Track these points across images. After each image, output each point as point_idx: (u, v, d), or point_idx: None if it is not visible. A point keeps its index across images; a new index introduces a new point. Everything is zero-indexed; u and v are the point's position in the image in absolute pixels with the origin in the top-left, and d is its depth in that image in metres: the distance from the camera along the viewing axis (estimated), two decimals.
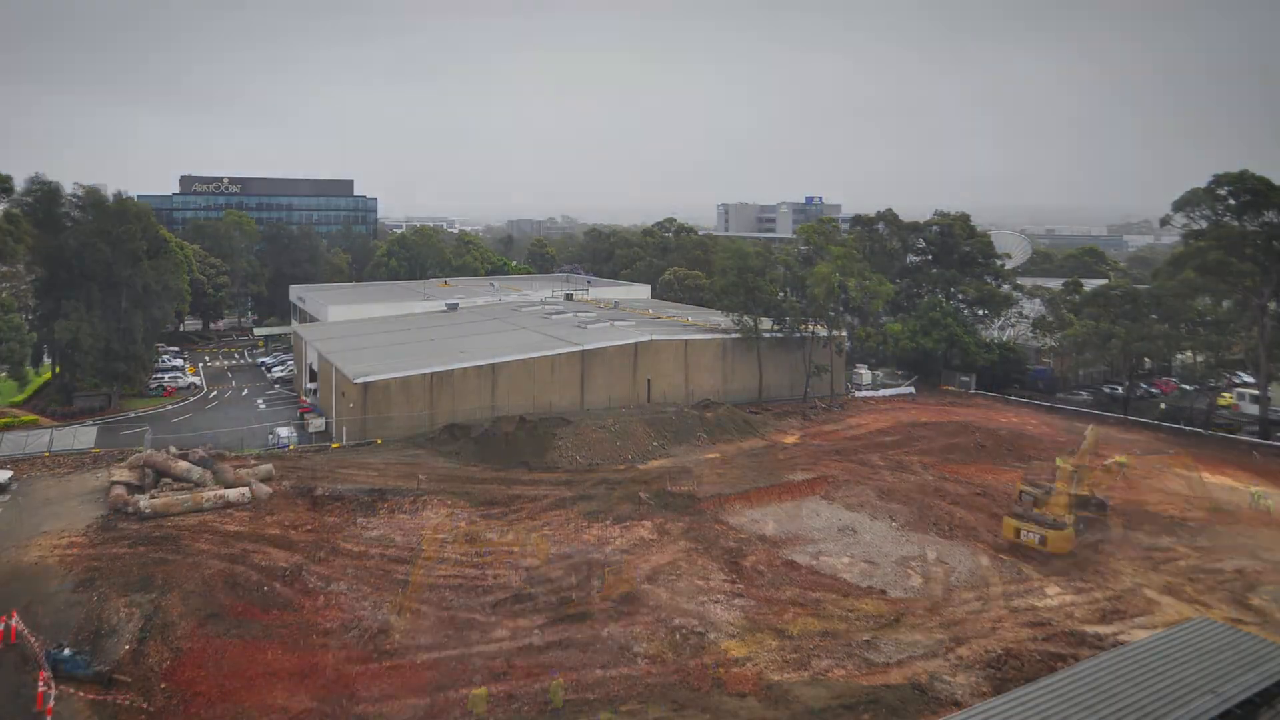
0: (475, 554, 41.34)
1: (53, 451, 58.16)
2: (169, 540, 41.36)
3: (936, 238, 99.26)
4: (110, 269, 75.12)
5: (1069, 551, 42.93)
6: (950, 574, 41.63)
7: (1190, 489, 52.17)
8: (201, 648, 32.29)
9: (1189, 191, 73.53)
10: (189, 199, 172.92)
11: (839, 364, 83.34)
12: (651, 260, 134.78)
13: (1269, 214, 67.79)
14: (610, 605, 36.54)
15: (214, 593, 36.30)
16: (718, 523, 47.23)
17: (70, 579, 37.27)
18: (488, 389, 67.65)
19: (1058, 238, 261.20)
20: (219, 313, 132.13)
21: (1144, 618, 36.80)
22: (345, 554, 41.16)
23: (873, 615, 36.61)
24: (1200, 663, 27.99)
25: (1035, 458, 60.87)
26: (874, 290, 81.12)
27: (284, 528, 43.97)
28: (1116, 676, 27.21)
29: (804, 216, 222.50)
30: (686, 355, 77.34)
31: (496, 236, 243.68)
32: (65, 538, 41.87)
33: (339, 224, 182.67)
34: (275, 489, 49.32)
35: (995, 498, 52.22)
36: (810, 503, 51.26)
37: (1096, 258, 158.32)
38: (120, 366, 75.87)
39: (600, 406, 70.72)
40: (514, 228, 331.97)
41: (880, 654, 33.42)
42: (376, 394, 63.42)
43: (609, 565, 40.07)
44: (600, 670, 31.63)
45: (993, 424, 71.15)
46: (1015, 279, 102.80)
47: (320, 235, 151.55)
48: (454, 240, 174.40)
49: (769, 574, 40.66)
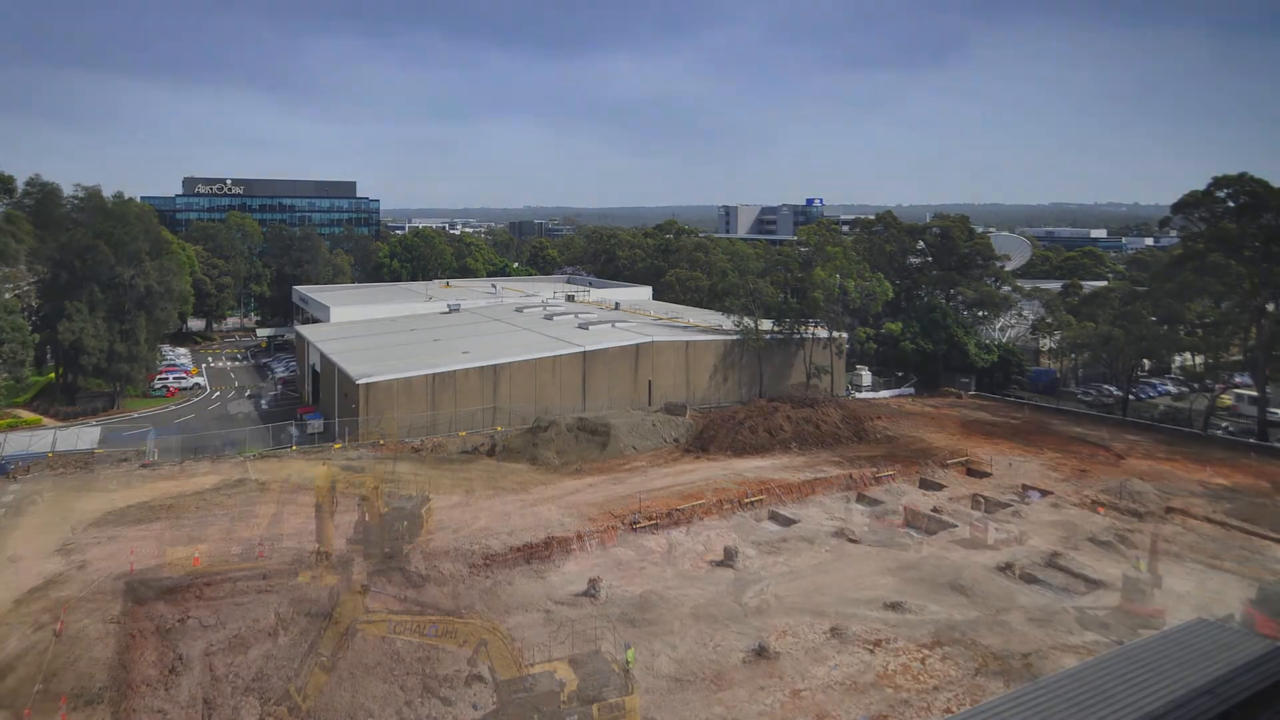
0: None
1: (56, 452, 58.44)
2: None
3: (936, 240, 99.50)
4: (112, 270, 75.43)
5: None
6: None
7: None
8: None
9: (1188, 194, 73.74)
10: (192, 200, 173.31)
11: (839, 365, 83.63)
12: (652, 262, 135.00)
13: (1267, 216, 67.97)
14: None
15: None
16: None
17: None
18: (489, 390, 67.90)
19: (1057, 239, 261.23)
20: (222, 313, 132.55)
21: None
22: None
23: None
24: (1199, 663, 28.10)
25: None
26: (873, 291, 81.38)
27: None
28: (1115, 677, 27.28)
29: (804, 218, 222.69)
30: (687, 356, 77.60)
31: (498, 238, 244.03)
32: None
33: (341, 225, 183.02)
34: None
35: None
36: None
37: (1095, 259, 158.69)
38: (123, 368, 76.19)
39: (602, 407, 70.95)
40: (515, 230, 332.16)
41: None
42: (379, 395, 63.68)
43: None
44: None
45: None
46: (1015, 280, 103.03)
47: (323, 236, 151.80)
48: (455, 242, 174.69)
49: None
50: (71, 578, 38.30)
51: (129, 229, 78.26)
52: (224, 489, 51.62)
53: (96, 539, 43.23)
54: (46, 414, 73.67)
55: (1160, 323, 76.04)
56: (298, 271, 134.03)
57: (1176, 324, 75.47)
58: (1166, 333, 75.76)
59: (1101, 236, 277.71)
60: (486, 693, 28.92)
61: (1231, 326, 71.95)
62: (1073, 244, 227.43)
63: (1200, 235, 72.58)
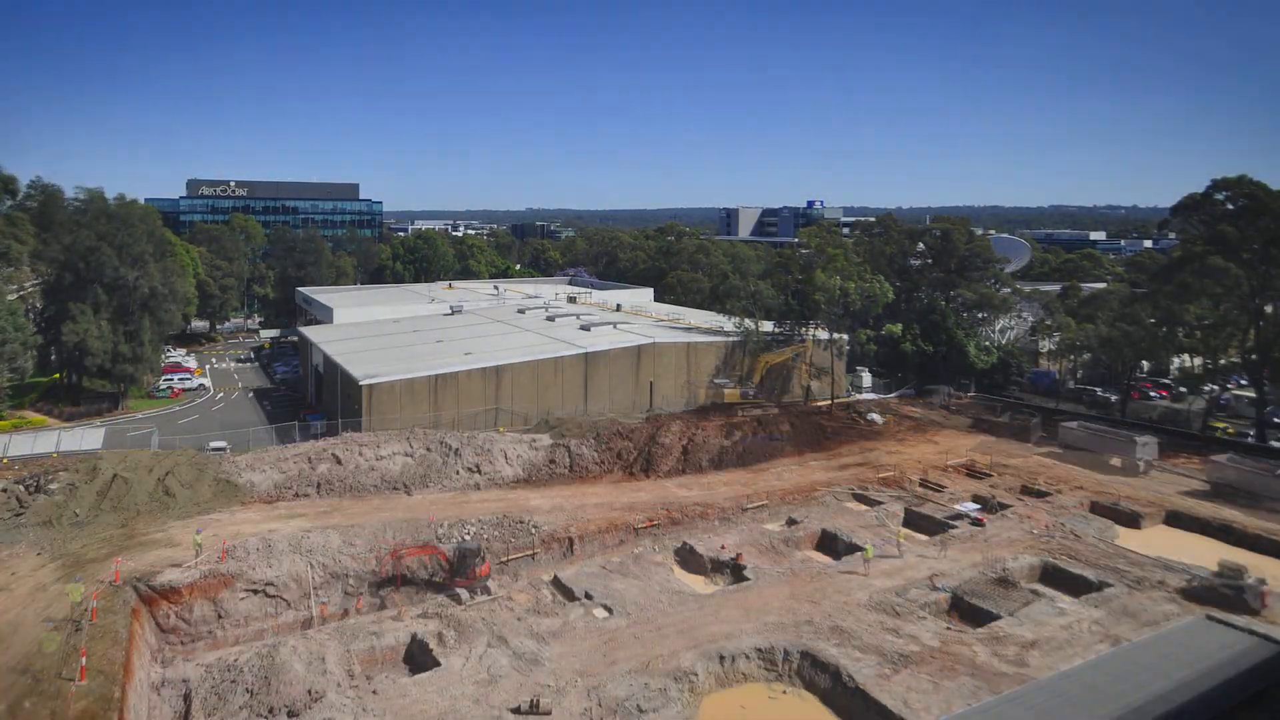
0: None
1: (60, 453, 58.79)
2: None
3: (936, 242, 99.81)
4: (116, 272, 75.84)
5: None
6: None
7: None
8: None
9: (1187, 196, 74.10)
10: (196, 202, 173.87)
11: (839, 367, 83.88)
12: (654, 264, 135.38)
13: (1266, 219, 68.23)
14: None
15: None
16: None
17: None
18: (492, 391, 68.21)
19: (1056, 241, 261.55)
20: (225, 315, 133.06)
21: None
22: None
23: None
24: (1199, 663, 28.08)
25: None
26: (873, 293, 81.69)
27: None
28: (1115, 677, 27.29)
29: (806, 220, 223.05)
30: (689, 358, 77.90)
31: (500, 240, 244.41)
32: None
33: (344, 227, 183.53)
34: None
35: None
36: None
37: (1094, 261, 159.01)
38: (127, 369, 76.59)
39: (604, 409, 71.27)
40: (517, 232, 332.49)
41: None
42: (381, 396, 64.01)
43: None
44: None
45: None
46: (1014, 282, 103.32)
47: (326, 238, 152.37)
48: (458, 244, 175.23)
49: None
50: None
51: (133, 231, 78.66)
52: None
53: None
54: (51, 415, 74.04)
55: (1159, 324, 76.30)
56: (301, 273, 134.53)
57: (1175, 326, 75.71)
58: (1165, 334, 76.03)
59: (1100, 238, 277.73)
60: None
61: (1230, 329, 72.19)
62: (1072, 246, 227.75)
63: (1199, 237, 72.87)
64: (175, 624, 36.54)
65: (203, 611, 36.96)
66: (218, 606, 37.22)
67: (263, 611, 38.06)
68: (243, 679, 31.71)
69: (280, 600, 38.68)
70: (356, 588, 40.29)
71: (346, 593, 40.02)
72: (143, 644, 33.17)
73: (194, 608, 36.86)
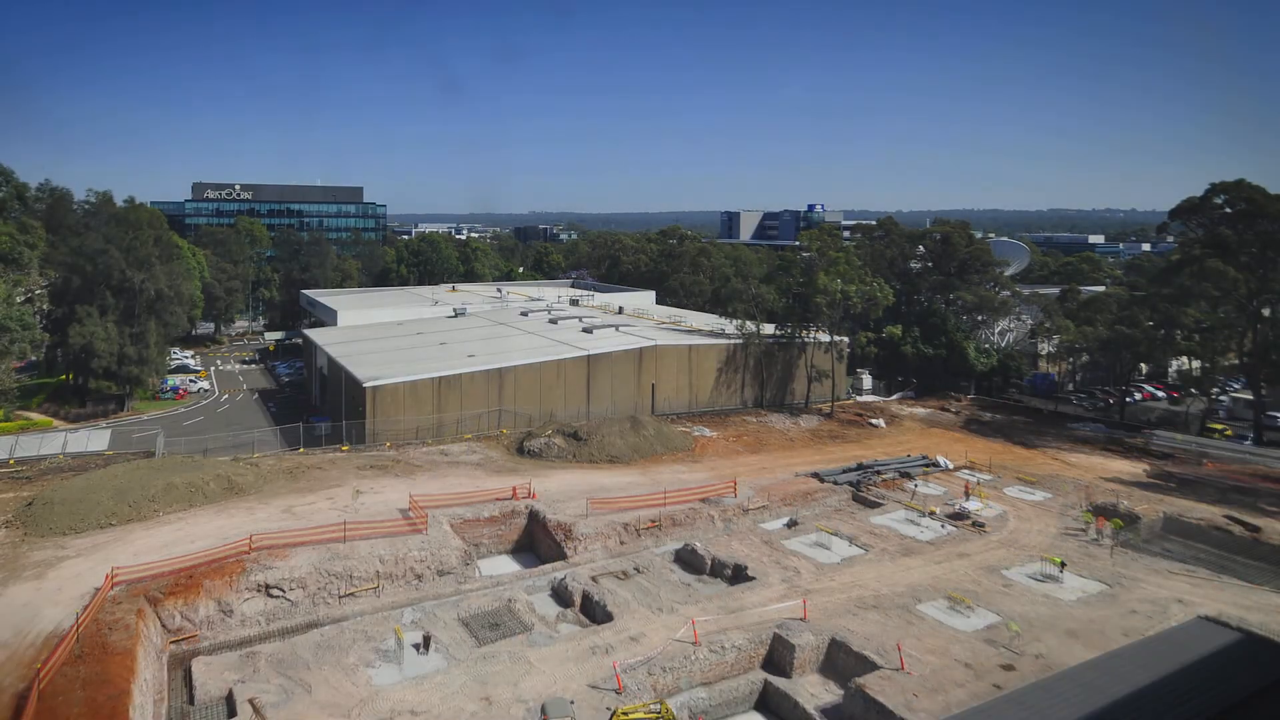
0: None
1: (66, 453, 59.34)
2: None
3: (936, 245, 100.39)
4: (123, 274, 76.53)
5: None
6: None
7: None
8: None
9: (1185, 200, 74.72)
10: (201, 205, 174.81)
11: (840, 369, 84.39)
12: (655, 267, 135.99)
13: (1264, 223, 68.77)
14: None
15: None
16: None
17: None
18: (494, 393, 68.73)
19: (1055, 244, 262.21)
20: (230, 317, 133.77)
21: None
22: None
23: None
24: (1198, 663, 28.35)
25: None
26: (873, 296, 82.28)
27: None
28: (1114, 677, 27.60)
29: (806, 224, 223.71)
30: (690, 360, 78.45)
31: (503, 244, 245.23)
32: None
33: (349, 230, 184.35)
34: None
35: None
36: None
37: (1093, 264, 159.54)
38: (133, 371, 77.22)
39: (605, 411, 71.79)
40: (520, 235, 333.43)
41: None
42: (385, 398, 64.55)
43: None
44: None
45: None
46: (1014, 285, 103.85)
47: (330, 241, 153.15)
48: (461, 247, 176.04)
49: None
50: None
51: (139, 234, 79.41)
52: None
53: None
54: (57, 416, 74.66)
55: (1157, 327, 76.81)
56: (305, 276, 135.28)
57: (1173, 329, 76.22)
58: (1163, 337, 76.54)
59: (1099, 242, 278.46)
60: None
61: (1228, 331, 72.69)
62: (1071, 249, 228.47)
63: (1197, 241, 73.46)
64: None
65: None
66: None
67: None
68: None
69: None
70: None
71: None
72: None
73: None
